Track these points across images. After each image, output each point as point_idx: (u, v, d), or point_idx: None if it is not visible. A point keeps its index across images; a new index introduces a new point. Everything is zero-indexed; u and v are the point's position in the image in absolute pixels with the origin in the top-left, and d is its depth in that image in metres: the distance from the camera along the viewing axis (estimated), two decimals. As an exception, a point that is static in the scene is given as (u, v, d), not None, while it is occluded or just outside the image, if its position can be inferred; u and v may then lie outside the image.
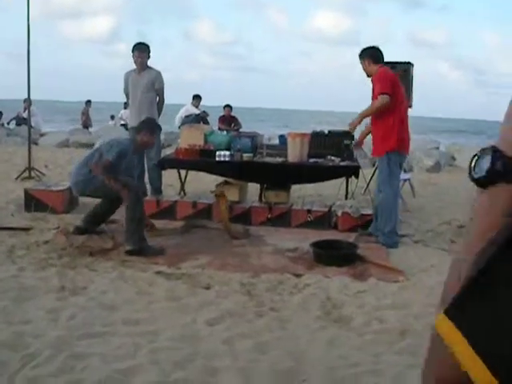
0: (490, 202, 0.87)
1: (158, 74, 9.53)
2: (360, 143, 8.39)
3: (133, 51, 9.44)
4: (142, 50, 9.47)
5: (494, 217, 0.86)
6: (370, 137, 7.79)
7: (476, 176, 0.89)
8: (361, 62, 7.52)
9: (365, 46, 7.53)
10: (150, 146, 7.46)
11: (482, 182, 0.88)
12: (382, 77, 7.28)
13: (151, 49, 9.61)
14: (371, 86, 7.36)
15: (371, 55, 7.47)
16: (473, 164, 0.91)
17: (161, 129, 7.90)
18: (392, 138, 7.29)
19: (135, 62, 9.46)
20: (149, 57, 9.55)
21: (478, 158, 0.90)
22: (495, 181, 0.86)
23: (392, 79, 7.31)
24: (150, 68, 9.56)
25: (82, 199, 9.09)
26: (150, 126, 7.34)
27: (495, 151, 0.87)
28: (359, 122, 7.60)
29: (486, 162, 0.88)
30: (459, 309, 0.76)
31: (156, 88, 9.49)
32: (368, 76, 7.47)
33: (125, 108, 22.82)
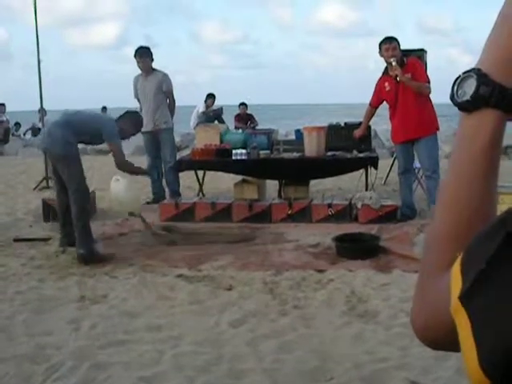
0: (475, 127, 0.82)
1: (165, 76, 9.46)
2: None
3: (135, 56, 9.40)
4: (142, 54, 9.41)
5: (480, 142, 0.81)
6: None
7: (459, 100, 0.84)
8: (395, 46, 7.84)
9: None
10: (126, 136, 7.34)
11: (466, 107, 0.83)
12: (421, 66, 8.15)
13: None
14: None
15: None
16: (455, 87, 0.85)
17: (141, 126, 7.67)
18: (436, 118, 8.00)
19: (139, 67, 9.42)
20: (152, 60, 9.48)
21: (462, 80, 0.85)
22: (479, 106, 0.82)
23: None
24: (156, 70, 9.50)
25: (101, 205, 9.08)
26: (134, 118, 7.35)
27: (480, 74, 0.82)
28: (405, 80, 7.78)
29: (469, 86, 0.82)
30: (474, 296, 0.70)
31: (164, 90, 9.42)
32: (389, 58, 7.81)
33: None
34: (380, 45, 7.81)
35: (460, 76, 0.84)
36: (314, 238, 7.17)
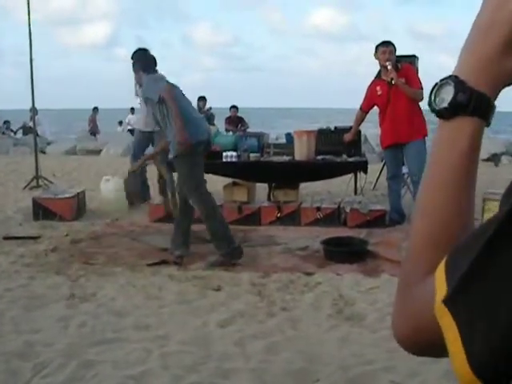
0: (453, 134, 0.83)
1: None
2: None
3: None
4: None
5: (459, 149, 0.82)
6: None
7: (437, 107, 0.84)
8: (391, 50, 7.91)
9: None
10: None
11: (444, 114, 0.83)
12: (415, 72, 8.27)
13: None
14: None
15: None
16: (433, 94, 0.86)
17: None
18: (425, 124, 8.02)
19: None
20: None
21: (439, 87, 0.85)
22: (457, 113, 0.82)
23: None
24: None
25: (91, 206, 9.11)
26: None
27: (457, 81, 0.82)
28: (399, 84, 7.82)
29: (447, 93, 0.83)
30: (458, 299, 0.70)
31: None
32: (385, 62, 7.83)
33: (132, 113, 22.80)
34: (377, 47, 7.86)
35: (437, 83, 0.85)
36: (303, 241, 7.22)
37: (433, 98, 0.85)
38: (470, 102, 0.81)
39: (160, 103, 6.23)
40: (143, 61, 6.69)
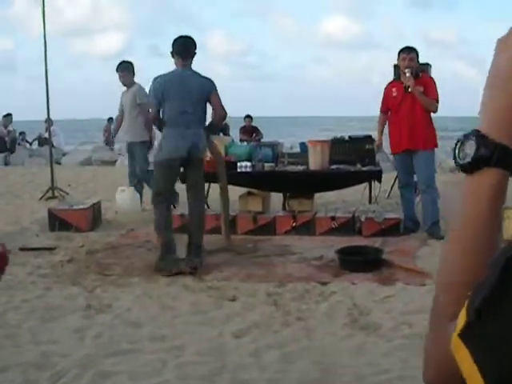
0: (477, 186, 0.84)
1: (139, 88, 9.53)
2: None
3: (117, 71, 9.64)
4: (123, 68, 9.73)
5: (482, 202, 0.83)
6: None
7: (461, 162, 0.86)
8: (412, 57, 7.88)
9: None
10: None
11: (468, 168, 0.85)
12: (434, 84, 7.98)
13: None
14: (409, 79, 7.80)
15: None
16: (457, 150, 0.88)
17: None
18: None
19: (121, 82, 9.65)
20: (133, 74, 9.72)
21: (462, 142, 0.87)
22: (480, 166, 0.84)
23: None
24: (135, 84, 9.68)
25: (107, 216, 9.15)
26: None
27: (479, 136, 0.84)
28: (416, 92, 7.79)
29: (470, 147, 0.85)
30: (473, 330, 0.72)
31: (138, 103, 9.49)
32: (404, 69, 7.83)
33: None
34: (399, 53, 7.88)
35: (460, 139, 0.87)
36: (318, 250, 7.21)
37: (456, 153, 0.87)
38: (492, 155, 0.82)
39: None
40: (175, 45, 6.74)
